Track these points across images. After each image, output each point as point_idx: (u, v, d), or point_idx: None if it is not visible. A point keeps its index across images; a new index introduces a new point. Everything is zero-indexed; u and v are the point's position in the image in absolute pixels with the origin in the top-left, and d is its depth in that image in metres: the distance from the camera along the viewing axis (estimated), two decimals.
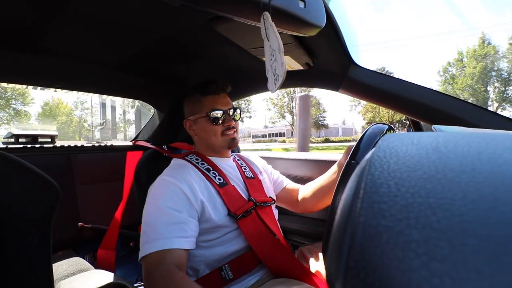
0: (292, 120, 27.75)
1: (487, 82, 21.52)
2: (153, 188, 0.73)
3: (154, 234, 0.62)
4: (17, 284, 0.34)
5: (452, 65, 23.46)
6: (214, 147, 0.83)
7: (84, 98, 26.15)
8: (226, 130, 0.81)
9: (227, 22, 0.67)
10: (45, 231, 0.36)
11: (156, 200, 0.68)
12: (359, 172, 0.18)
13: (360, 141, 0.61)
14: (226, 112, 0.81)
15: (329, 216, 0.55)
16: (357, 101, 27.24)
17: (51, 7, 0.60)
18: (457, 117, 0.71)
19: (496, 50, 21.19)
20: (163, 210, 0.65)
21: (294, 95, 27.45)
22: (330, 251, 0.20)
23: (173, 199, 0.67)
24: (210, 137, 0.81)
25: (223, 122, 0.81)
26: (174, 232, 0.62)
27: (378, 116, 26.11)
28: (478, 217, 0.13)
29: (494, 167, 0.15)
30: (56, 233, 1.17)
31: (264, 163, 1.01)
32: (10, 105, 21.32)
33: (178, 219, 0.64)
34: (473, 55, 21.70)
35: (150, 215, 0.66)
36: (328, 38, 0.75)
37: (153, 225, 0.64)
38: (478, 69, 21.20)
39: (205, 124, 0.81)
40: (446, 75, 23.46)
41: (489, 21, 52.21)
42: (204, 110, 0.80)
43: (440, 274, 0.12)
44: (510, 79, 20.95)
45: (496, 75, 21.29)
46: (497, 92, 21.50)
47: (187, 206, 0.67)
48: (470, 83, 21.39)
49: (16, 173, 0.34)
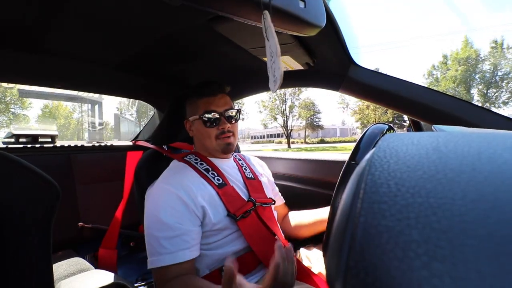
0: (284, 122, 28.33)
1: (470, 84, 22.05)
2: (151, 195, 0.73)
3: (159, 248, 0.65)
4: (17, 284, 0.34)
5: (436, 68, 24.03)
6: (209, 150, 0.82)
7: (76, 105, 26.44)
8: (220, 134, 0.79)
9: (227, 22, 0.67)
10: (45, 231, 0.36)
11: (156, 211, 0.68)
12: (359, 172, 0.18)
13: (360, 141, 0.61)
14: (222, 113, 0.79)
15: (329, 216, 0.55)
16: (345, 103, 28.26)
17: (51, 7, 0.60)
18: (457, 117, 0.71)
19: (478, 53, 21.74)
20: (164, 224, 0.66)
21: (285, 97, 28.09)
22: (330, 251, 0.20)
23: (173, 211, 0.67)
24: (205, 139, 0.81)
25: (218, 125, 0.79)
26: (178, 245, 0.65)
27: (365, 118, 26.82)
28: (478, 217, 0.13)
29: (494, 167, 0.15)
30: (56, 233, 1.17)
31: (265, 166, 1.01)
32: (9, 110, 21.85)
33: (180, 231, 0.66)
34: (456, 58, 22.25)
35: (152, 227, 0.68)
36: (328, 38, 0.75)
37: (156, 238, 0.66)
38: (459, 72, 21.76)
39: (200, 127, 0.81)
40: (431, 78, 23.91)
41: (490, 21, 52.36)
42: (199, 112, 0.80)
43: (440, 274, 0.12)
44: (491, 82, 21.48)
45: (480, 77, 21.80)
46: (480, 95, 21.91)
47: (187, 216, 0.68)
48: (452, 86, 21.86)
49: (16, 173, 0.34)
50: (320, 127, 31.01)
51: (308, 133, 32.67)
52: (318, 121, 30.63)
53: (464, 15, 57.15)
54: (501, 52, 21.03)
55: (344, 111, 29.58)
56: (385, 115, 25.52)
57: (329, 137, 35.38)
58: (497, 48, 21.11)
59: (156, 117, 1.48)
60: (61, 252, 1.12)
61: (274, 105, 28.50)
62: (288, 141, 27.50)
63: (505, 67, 21.00)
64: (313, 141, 31.79)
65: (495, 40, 21.26)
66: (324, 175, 1.12)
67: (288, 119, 28.34)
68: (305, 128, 30.89)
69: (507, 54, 20.96)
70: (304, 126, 30.65)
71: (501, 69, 21.07)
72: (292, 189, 1.20)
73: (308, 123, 29.96)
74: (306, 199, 1.11)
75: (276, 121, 28.90)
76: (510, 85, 21.00)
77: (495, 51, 21.19)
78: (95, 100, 14.07)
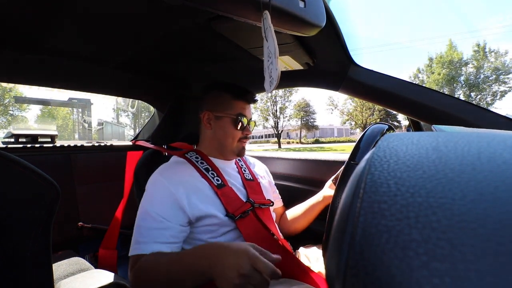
0: (275, 123, 28.97)
1: (455, 87, 22.56)
2: (149, 184, 0.75)
3: (138, 237, 0.66)
4: (17, 284, 0.34)
5: (422, 71, 24.52)
6: (225, 149, 0.83)
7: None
8: (244, 138, 0.83)
9: (227, 22, 0.67)
10: (45, 231, 0.36)
11: (147, 202, 0.70)
12: (359, 172, 0.18)
13: (360, 141, 0.61)
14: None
15: (329, 216, 0.55)
16: (334, 104, 29.24)
17: (51, 7, 0.60)
18: (457, 117, 0.71)
19: (460, 56, 22.28)
20: (148, 214, 0.67)
21: (276, 99, 28.76)
22: (330, 251, 0.20)
23: (160, 204, 0.68)
24: (227, 139, 0.82)
25: (244, 130, 0.83)
26: (154, 237, 0.65)
27: (353, 119, 27.96)
28: (478, 216, 0.13)
29: (494, 167, 0.15)
30: (56, 233, 1.18)
31: (265, 168, 1.02)
32: (7, 112, 22.33)
33: (162, 225, 0.66)
34: (439, 61, 22.74)
35: (139, 217, 0.70)
36: (328, 38, 0.75)
37: (138, 227, 0.68)
38: (442, 75, 22.29)
39: (228, 125, 0.81)
40: (416, 80, 24.27)
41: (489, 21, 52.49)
42: (233, 111, 0.81)
43: (440, 274, 0.12)
44: (474, 84, 22.04)
45: (464, 79, 22.39)
46: (464, 97, 22.31)
47: (174, 212, 0.68)
48: (435, 88, 22.14)
49: (16, 173, 0.34)
50: (315, 127, 31.43)
51: (305, 133, 32.90)
52: (313, 122, 31.18)
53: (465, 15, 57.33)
54: (483, 55, 21.54)
55: (333, 112, 30.45)
56: (372, 116, 26.13)
57: (326, 137, 35.64)
58: (480, 52, 21.68)
59: (156, 117, 1.48)
60: (61, 252, 1.13)
61: (266, 107, 29.06)
62: (279, 141, 27.99)
63: (487, 70, 21.63)
64: (308, 141, 32.04)
65: (477, 44, 21.81)
66: (323, 175, 1.12)
67: (279, 120, 28.87)
68: (300, 128, 31.14)
69: (490, 57, 21.52)
70: (299, 127, 30.90)
71: (483, 72, 21.72)
72: (290, 188, 1.20)
73: (304, 123, 30.42)
74: (305, 199, 1.11)
75: (267, 122, 29.51)
76: (492, 87, 21.61)
77: (478, 54, 21.75)
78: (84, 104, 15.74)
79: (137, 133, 1.67)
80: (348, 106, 28.91)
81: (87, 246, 1.27)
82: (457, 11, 61.43)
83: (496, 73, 21.26)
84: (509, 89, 21.28)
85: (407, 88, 0.78)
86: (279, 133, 28.37)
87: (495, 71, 21.29)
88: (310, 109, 30.61)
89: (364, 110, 26.76)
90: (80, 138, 21.00)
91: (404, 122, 25.19)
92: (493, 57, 21.53)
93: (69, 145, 1.27)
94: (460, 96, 22.37)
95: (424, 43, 49.31)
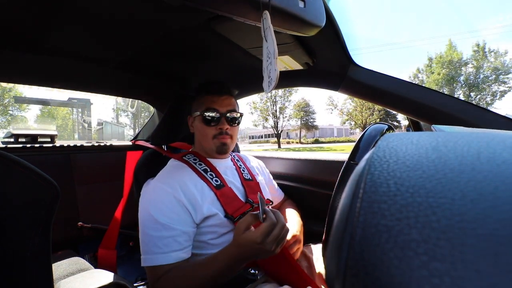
0: (274, 123, 29.02)
1: (455, 87, 22.63)
2: (147, 193, 0.73)
3: (153, 247, 0.66)
4: (17, 284, 0.34)
5: (421, 71, 24.54)
6: (206, 149, 0.82)
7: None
8: (219, 134, 0.78)
9: (227, 22, 0.67)
10: (45, 231, 0.36)
11: (150, 209, 0.69)
12: (359, 172, 0.18)
13: (359, 141, 0.61)
14: (223, 114, 0.78)
15: (328, 216, 0.55)
16: (334, 104, 29.38)
17: (51, 7, 0.60)
18: (457, 117, 0.71)
19: (460, 56, 22.34)
20: (158, 223, 0.67)
21: (275, 99, 28.83)
22: (330, 251, 0.20)
23: (168, 211, 0.68)
24: (203, 138, 0.81)
25: (217, 125, 0.78)
26: (171, 246, 0.65)
27: (353, 119, 28.14)
28: (477, 216, 0.13)
29: (494, 167, 0.15)
30: (56, 233, 1.17)
31: (263, 165, 1.01)
32: (7, 112, 22.50)
33: (174, 232, 0.66)
34: (439, 61, 22.77)
35: (147, 226, 0.68)
36: (328, 38, 0.75)
37: (150, 237, 0.67)
38: (441, 75, 22.34)
39: (199, 124, 0.81)
40: (416, 80, 24.32)
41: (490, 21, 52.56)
42: (202, 108, 0.79)
43: (440, 274, 0.12)
44: (473, 84, 22.12)
45: (464, 79, 22.48)
46: (464, 97, 22.36)
47: (182, 217, 0.68)
48: (435, 88, 22.21)
49: (16, 173, 0.34)
50: (315, 127, 31.47)
51: (305, 133, 32.95)
52: (312, 122, 31.25)
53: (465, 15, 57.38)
54: (483, 55, 21.57)
55: (332, 112, 30.52)
56: (372, 116, 26.17)
57: (326, 137, 35.69)
58: (479, 52, 21.71)
59: (156, 117, 1.48)
60: (61, 252, 1.12)
61: (265, 107, 29.10)
62: (278, 141, 28.05)
63: (486, 70, 21.66)
64: (308, 141, 32.09)
65: (477, 44, 21.85)
66: (323, 175, 1.12)
67: (278, 120, 28.88)
68: (299, 128, 31.17)
69: (489, 57, 21.57)
70: (299, 127, 30.93)
71: (483, 72, 21.75)
72: (291, 188, 1.20)
73: (303, 123, 30.46)
74: (305, 199, 1.12)
75: (267, 122, 29.55)
76: (492, 87, 21.67)
77: (477, 54, 21.79)
78: (84, 104, 15.96)
79: (137, 133, 1.67)
80: (347, 106, 29.14)
81: (87, 246, 1.27)
82: (457, 11, 61.62)
83: (496, 73, 21.37)
84: (509, 89, 21.43)
85: (407, 88, 0.78)
86: (278, 133, 28.42)
87: (495, 71, 21.40)
88: (310, 109, 30.71)
89: (364, 110, 26.90)
90: (80, 138, 21.34)
91: (403, 122, 25.31)
92: (492, 57, 21.65)
93: (69, 145, 1.27)
94: (459, 96, 22.50)
95: (423, 43, 49.54)
